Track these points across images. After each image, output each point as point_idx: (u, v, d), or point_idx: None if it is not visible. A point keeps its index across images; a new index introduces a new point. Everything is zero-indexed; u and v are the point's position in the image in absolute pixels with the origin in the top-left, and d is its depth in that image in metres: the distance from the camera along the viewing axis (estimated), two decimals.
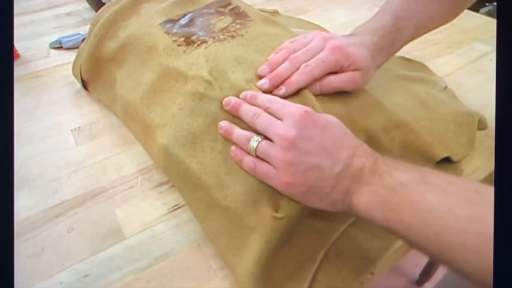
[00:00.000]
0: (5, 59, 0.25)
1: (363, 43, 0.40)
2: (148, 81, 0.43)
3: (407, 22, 0.42)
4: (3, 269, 0.24)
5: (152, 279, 0.32)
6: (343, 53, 0.38)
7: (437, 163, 0.41)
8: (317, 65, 0.37)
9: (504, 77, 0.26)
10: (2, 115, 0.24)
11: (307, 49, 0.39)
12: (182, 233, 0.36)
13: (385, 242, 0.35)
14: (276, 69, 0.38)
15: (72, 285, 0.32)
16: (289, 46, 0.40)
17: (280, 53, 0.40)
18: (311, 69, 0.37)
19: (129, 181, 0.42)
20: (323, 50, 0.38)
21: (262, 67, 0.39)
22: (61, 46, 0.68)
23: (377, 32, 0.41)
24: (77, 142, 0.47)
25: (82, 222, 0.37)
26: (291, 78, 0.37)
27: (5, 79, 0.25)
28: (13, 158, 0.25)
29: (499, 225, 0.24)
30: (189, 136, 0.37)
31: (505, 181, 0.24)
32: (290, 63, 0.38)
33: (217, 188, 0.34)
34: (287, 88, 0.37)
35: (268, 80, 0.37)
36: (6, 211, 0.25)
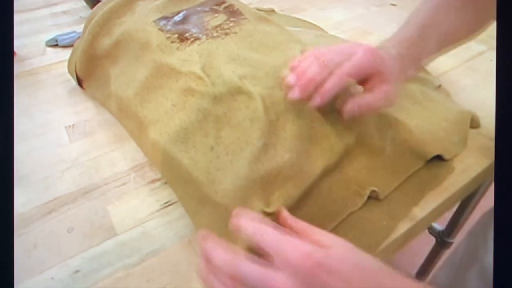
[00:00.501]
0: (5, 60, 0.25)
1: (390, 55, 0.37)
2: (141, 77, 0.43)
3: (432, 30, 0.40)
4: (3, 269, 0.24)
5: (142, 275, 0.32)
6: (378, 56, 0.35)
7: (428, 161, 0.41)
8: (349, 70, 0.34)
9: (504, 77, 0.26)
10: (2, 115, 0.24)
11: (337, 49, 0.36)
12: (173, 230, 0.36)
13: (374, 240, 0.35)
14: (305, 73, 0.34)
15: (63, 280, 0.32)
16: (315, 52, 0.36)
17: (307, 59, 0.35)
18: (346, 74, 0.33)
19: (122, 178, 0.42)
20: (355, 52, 0.35)
21: (290, 75, 0.35)
22: (57, 44, 0.69)
23: (403, 44, 0.39)
24: (71, 139, 0.47)
25: (75, 219, 0.37)
26: (324, 85, 0.33)
27: (5, 79, 0.25)
28: (13, 158, 0.25)
29: (499, 225, 0.24)
30: (181, 132, 0.37)
31: (505, 181, 0.24)
32: (319, 65, 0.34)
33: (208, 184, 0.34)
34: (322, 99, 0.33)
35: (298, 88, 0.33)
36: (6, 211, 0.25)
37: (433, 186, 0.39)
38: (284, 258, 0.23)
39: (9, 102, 0.25)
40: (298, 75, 0.34)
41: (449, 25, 0.41)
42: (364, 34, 0.71)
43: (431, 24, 0.40)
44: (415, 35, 0.39)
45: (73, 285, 0.32)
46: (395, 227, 0.36)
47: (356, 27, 0.73)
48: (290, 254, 0.23)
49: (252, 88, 0.38)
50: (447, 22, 0.41)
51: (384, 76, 0.36)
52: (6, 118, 0.25)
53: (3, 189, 0.24)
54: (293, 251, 0.23)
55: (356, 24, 0.74)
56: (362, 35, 0.70)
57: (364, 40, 0.67)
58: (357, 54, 0.35)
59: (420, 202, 0.38)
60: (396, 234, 0.35)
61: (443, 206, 0.39)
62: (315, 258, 0.23)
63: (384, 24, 0.74)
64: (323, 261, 0.23)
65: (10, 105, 0.25)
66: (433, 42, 0.41)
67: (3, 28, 0.25)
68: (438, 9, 0.41)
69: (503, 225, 0.24)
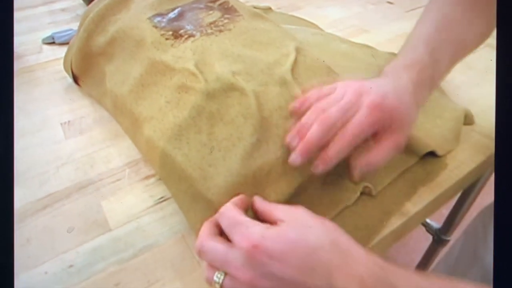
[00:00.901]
0: (6, 60, 0.25)
1: (401, 85, 0.35)
2: (136, 74, 0.43)
3: (443, 52, 0.37)
4: (3, 269, 0.24)
5: (136, 270, 0.33)
6: (385, 112, 0.32)
7: (421, 157, 0.41)
8: (354, 133, 0.32)
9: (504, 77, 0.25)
10: (2, 115, 0.25)
11: (339, 106, 0.32)
12: (167, 225, 0.36)
13: (367, 234, 0.35)
14: (306, 137, 0.32)
15: (56, 275, 0.32)
16: (317, 106, 0.33)
17: (308, 116, 0.33)
18: (350, 138, 0.32)
19: (116, 173, 0.42)
20: (359, 111, 0.32)
21: (290, 135, 0.33)
22: (54, 41, 0.69)
23: (414, 68, 0.36)
24: (67, 136, 0.47)
25: (69, 214, 0.38)
26: (328, 152, 0.32)
27: (5, 79, 0.25)
28: (13, 158, 0.25)
29: (499, 226, 0.24)
30: (174, 129, 0.37)
31: (505, 181, 0.24)
32: (321, 127, 0.31)
33: (200, 181, 0.34)
34: (323, 164, 0.32)
35: (299, 153, 0.32)
36: (6, 211, 0.25)
37: (426, 182, 0.40)
38: (235, 242, 0.26)
39: (9, 102, 0.25)
40: (300, 134, 0.32)
41: (461, 40, 0.38)
42: (361, 32, 0.71)
43: (440, 46, 0.37)
44: (426, 58, 0.36)
45: (67, 279, 0.32)
46: (388, 222, 0.36)
47: (352, 25, 0.73)
48: (236, 238, 0.26)
49: (245, 85, 0.38)
50: (459, 37, 0.38)
51: (393, 127, 0.33)
52: (6, 118, 0.25)
53: (3, 188, 0.24)
54: (238, 234, 0.26)
55: (352, 22, 0.74)
56: (359, 33, 0.70)
57: (361, 38, 0.67)
58: (362, 112, 0.32)
59: (413, 197, 0.38)
60: (389, 229, 0.36)
61: (436, 202, 0.40)
62: (253, 241, 0.25)
63: (380, 22, 0.74)
64: (260, 243, 0.25)
65: (10, 105, 0.25)
66: (445, 64, 0.38)
67: (3, 28, 0.25)
68: (449, 23, 0.38)
69: (503, 225, 0.24)
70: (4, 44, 0.25)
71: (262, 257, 0.24)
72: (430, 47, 0.37)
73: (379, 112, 0.32)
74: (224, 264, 0.26)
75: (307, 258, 0.25)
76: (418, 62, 0.36)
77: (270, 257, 0.24)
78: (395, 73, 0.36)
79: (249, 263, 0.25)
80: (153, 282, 0.32)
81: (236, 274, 0.25)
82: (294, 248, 0.25)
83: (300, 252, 0.25)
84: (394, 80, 0.35)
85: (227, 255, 0.26)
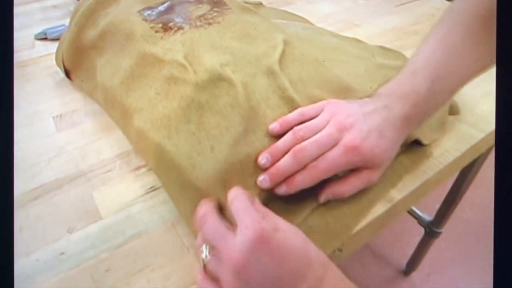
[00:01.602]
0: (6, 60, 0.25)
1: (389, 119, 0.34)
2: (126, 67, 0.44)
3: (443, 85, 0.36)
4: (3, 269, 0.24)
5: (126, 256, 0.33)
6: (361, 154, 0.33)
7: (406, 146, 0.42)
8: (326, 169, 0.32)
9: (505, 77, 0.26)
10: (2, 115, 0.25)
11: (317, 140, 0.33)
12: (157, 213, 0.37)
13: (353, 220, 0.36)
14: (278, 164, 0.33)
15: (48, 262, 0.33)
16: (296, 132, 0.34)
17: (285, 141, 0.34)
18: (319, 175, 0.32)
19: (107, 165, 0.42)
20: (336, 147, 0.33)
21: (264, 155, 0.34)
22: (46, 37, 0.69)
23: (409, 99, 0.35)
24: (58, 129, 0.48)
25: (60, 204, 0.38)
26: (295, 178, 0.32)
27: (5, 80, 0.25)
28: (13, 158, 0.26)
29: (499, 226, 0.24)
30: (164, 119, 0.38)
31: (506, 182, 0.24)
32: (294, 159, 0.32)
33: (189, 169, 0.35)
34: (288, 189, 0.33)
35: (268, 179, 0.33)
36: (6, 210, 0.25)
37: (411, 170, 0.40)
38: (243, 226, 0.26)
39: (9, 102, 0.25)
40: (272, 157, 0.33)
41: (465, 73, 0.36)
42: (351, 26, 0.72)
43: (443, 77, 0.35)
44: (424, 90, 0.35)
45: (58, 266, 0.33)
46: (373, 209, 0.37)
47: (343, 20, 0.74)
48: (248, 224, 0.26)
49: (233, 76, 0.39)
50: (462, 70, 0.36)
51: (368, 165, 0.34)
52: (6, 118, 0.25)
53: (3, 188, 0.25)
54: (252, 222, 0.26)
55: (343, 17, 0.75)
56: (349, 27, 0.71)
57: (351, 32, 0.68)
58: (338, 151, 0.32)
59: (398, 185, 0.39)
60: (375, 215, 0.36)
61: (421, 189, 0.40)
62: (266, 234, 0.25)
63: (370, 16, 0.75)
64: (270, 239, 0.25)
65: (10, 105, 0.25)
66: (443, 97, 0.37)
67: (3, 29, 0.25)
68: (451, 54, 0.36)
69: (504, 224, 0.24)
70: (4, 45, 0.25)
71: (264, 247, 0.25)
72: (432, 77, 0.35)
73: (355, 155, 0.33)
74: (219, 240, 0.26)
75: (303, 266, 0.26)
76: (415, 93, 0.35)
77: (271, 250, 0.25)
78: (387, 98, 0.35)
79: (246, 247, 0.25)
80: (142, 268, 0.32)
81: (226, 255, 0.25)
82: (295, 253, 0.26)
83: (299, 260, 0.26)
84: (385, 109, 0.34)
85: (226, 235, 0.27)
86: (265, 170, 0.33)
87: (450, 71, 0.36)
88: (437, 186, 0.46)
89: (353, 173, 0.34)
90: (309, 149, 0.32)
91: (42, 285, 0.31)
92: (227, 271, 0.25)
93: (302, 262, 0.26)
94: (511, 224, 0.24)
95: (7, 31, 0.26)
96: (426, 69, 0.36)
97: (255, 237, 0.25)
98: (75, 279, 0.32)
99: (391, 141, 0.34)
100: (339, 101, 0.37)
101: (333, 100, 0.38)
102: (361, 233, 0.36)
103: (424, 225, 0.96)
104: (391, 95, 0.36)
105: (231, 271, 0.25)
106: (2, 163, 0.25)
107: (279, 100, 0.39)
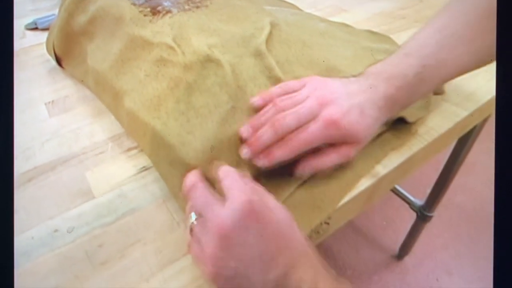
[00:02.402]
0: (5, 61, 0.25)
1: (373, 98, 0.34)
2: (116, 50, 0.44)
3: (433, 72, 0.35)
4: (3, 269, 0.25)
5: (118, 232, 0.34)
6: (340, 129, 0.32)
7: (392, 124, 0.43)
8: (304, 141, 0.32)
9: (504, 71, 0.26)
10: (2, 114, 0.25)
11: (296, 111, 0.33)
12: (149, 191, 0.38)
13: (338, 195, 0.37)
14: (257, 134, 0.33)
15: (42, 239, 0.34)
16: (277, 103, 0.34)
17: (266, 112, 0.35)
18: (297, 146, 0.33)
19: (100, 147, 0.43)
20: (315, 121, 0.33)
21: (244, 127, 0.34)
22: (37, 27, 0.69)
23: (395, 81, 0.34)
24: (51, 114, 0.49)
25: (54, 185, 0.39)
26: (272, 151, 0.33)
27: (5, 79, 0.25)
28: (13, 158, 0.26)
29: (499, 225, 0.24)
30: (154, 100, 0.39)
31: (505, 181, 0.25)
32: (272, 129, 0.33)
33: (179, 146, 0.36)
34: (268, 161, 0.33)
35: (249, 149, 0.33)
36: (6, 210, 0.25)
37: (396, 146, 0.42)
38: (233, 197, 0.27)
39: (9, 102, 0.25)
40: (252, 128, 0.34)
41: (457, 65, 0.36)
42: (340, 11, 0.73)
43: (434, 65, 0.35)
44: (412, 74, 0.34)
45: (52, 242, 0.34)
46: (358, 183, 0.38)
47: (331, 5, 0.75)
48: (238, 196, 0.26)
49: (221, 57, 0.39)
50: (455, 61, 0.36)
51: (347, 141, 0.34)
52: (6, 118, 0.25)
53: (3, 188, 0.25)
54: (241, 195, 0.27)
55: (331, 2, 0.76)
56: (338, 12, 0.72)
57: (339, 17, 0.69)
58: (317, 124, 0.32)
59: (383, 160, 0.40)
60: (360, 189, 0.37)
61: (406, 165, 0.42)
62: (255, 208, 0.26)
63: (358, 1, 0.76)
64: (259, 213, 0.26)
65: (10, 105, 0.25)
66: (430, 85, 0.37)
67: (3, 29, 0.25)
68: (446, 44, 0.35)
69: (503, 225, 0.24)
70: (4, 46, 0.25)
71: (251, 216, 0.25)
72: (423, 62, 0.35)
73: (334, 129, 0.32)
74: (207, 207, 0.27)
75: (285, 242, 0.26)
76: (403, 76, 0.34)
77: (258, 220, 0.26)
78: (373, 77, 0.35)
79: (233, 219, 0.25)
80: (134, 242, 0.33)
81: (212, 222, 0.26)
82: (280, 228, 0.26)
83: (283, 235, 0.26)
84: (370, 89, 0.34)
85: (215, 204, 0.27)
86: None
87: (442, 61, 0.35)
88: (423, 164, 0.47)
89: (331, 147, 0.35)
90: (288, 120, 0.33)
91: (37, 259, 0.32)
92: (211, 236, 0.26)
93: (287, 234, 0.27)
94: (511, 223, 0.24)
95: (7, 34, 0.26)
96: (418, 54, 0.35)
97: (243, 209, 0.25)
98: (69, 254, 0.33)
99: (372, 119, 0.34)
100: (323, 78, 0.37)
101: (317, 76, 0.38)
102: (347, 207, 0.37)
103: (416, 210, 0.98)
104: (379, 75, 0.35)
105: (215, 237, 0.25)
106: (2, 163, 0.25)
107: (266, 80, 0.40)
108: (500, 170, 0.26)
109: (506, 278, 0.23)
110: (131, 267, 0.32)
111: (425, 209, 0.96)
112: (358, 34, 0.60)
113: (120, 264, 0.32)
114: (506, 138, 0.26)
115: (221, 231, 0.25)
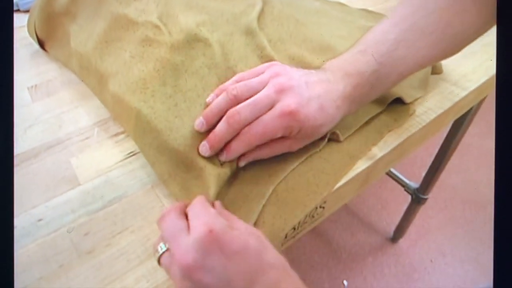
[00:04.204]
0: (6, 61, 0.25)
1: (331, 96, 0.33)
2: (100, 31, 0.42)
3: (390, 69, 0.34)
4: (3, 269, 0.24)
5: (105, 219, 0.33)
6: (296, 120, 0.31)
7: (389, 105, 0.42)
8: (261, 133, 0.31)
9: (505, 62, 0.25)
10: (2, 115, 0.24)
11: (251, 102, 0.31)
12: (137, 177, 0.37)
13: (333, 178, 0.35)
14: (215, 130, 0.32)
15: (25, 228, 0.33)
16: (229, 91, 0.32)
17: (218, 102, 0.33)
18: (254, 138, 0.32)
19: (85, 132, 0.41)
20: (271, 110, 0.31)
21: (199, 119, 0.33)
22: (19, 8, 0.66)
23: (352, 79, 0.33)
24: (34, 99, 0.47)
25: (37, 172, 0.37)
26: (231, 146, 0.32)
27: (5, 80, 0.25)
28: (13, 158, 0.25)
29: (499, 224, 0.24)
30: (139, 82, 0.37)
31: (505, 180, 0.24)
32: (227, 125, 0.31)
33: (166, 132, 0.34)
34: (228, 156, 0.32)
35: (208, 146, 0.32)
36: (6, 210, 0.25)
37: (393, 127, 0.40)
38: (195, 225, 0.26)
39: (9, 102, 0.25)
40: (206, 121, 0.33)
41: (415, 61, 0.35)
42: None
43: (391, 64, 0.34)
44: (369, 72, 0.33)
45: (36, 231, 0.32)
46: (354, 166, 0.37)
47: None
48: (199, 223, 0.25)
49: (209, 35, 0.38)
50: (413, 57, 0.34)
51: (300, 134, 0.33)
52: (6, 118, 0.25)
53: (3, 188, 0.24)
54: (203, 221, 0.25)
55: None
56: None
57: None
58: (272, 114, 0.31)
59: (380, 142, 0.39)
60: (356, 172, 0.36)
61: (403, 147, 0.40)
62: (215, 231, 0.25)
63: None
64: (220, 236, 0.25)
65: (10, 105, 0.25)
66: (389, 82, 0.35)
67: (3, 29, 0.25)
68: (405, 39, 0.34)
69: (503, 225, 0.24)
70: (4, 46, 0.25)
71: (213, 246, 0.24)
72: (380, 59, 0.33)
73: (289, 120, 0.31)
74: (172, 239, 0.26)
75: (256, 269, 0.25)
76: (360, 74, 0.33)
77: (222, 249, 0.24)
78: (332, 77, 0.34)
79: (195, 249, 0.24)
80: (122, 230, 0.32)
81: (175, 256, 0.25)
82: (249, 254, 0.25)
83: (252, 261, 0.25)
84: (327, 83, 0.33)
85: (180, 232, 0.26)
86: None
87: (400, 57, 0.34)
88: (420, 145, 0.46)
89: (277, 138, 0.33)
90: (243, 113, 0.31)
91: (20, 250, 0.31)
92: (176, 268, 0.25)
93: (254, 265, 0.25)
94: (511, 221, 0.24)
95: (7, 34, 0.25)
96: (375, 51, 0.33)
97: (203, 235, 0.24)
98: (54, 244, 0.31)
99: (329, 117, 0.33)
100: (283, 65, 0.35)
101: (277, 62, 0.36)
102: (342, 190, 0.36)
103: (411, 192, 0.98)
104: (336, 72, 0.34)
105: (179, 269, 0.24)
106: (2, 163, 0.24)
107: (257, 60, 0.38)
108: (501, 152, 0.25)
109: (506, 278, 0.23)
110: (118, 256, 0.30)
111: (420, 192, 0.96)
112: (353, 13, 0.58)
113: (107, 253, 0.31)
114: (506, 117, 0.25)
115: (183, 263, 0.24)
